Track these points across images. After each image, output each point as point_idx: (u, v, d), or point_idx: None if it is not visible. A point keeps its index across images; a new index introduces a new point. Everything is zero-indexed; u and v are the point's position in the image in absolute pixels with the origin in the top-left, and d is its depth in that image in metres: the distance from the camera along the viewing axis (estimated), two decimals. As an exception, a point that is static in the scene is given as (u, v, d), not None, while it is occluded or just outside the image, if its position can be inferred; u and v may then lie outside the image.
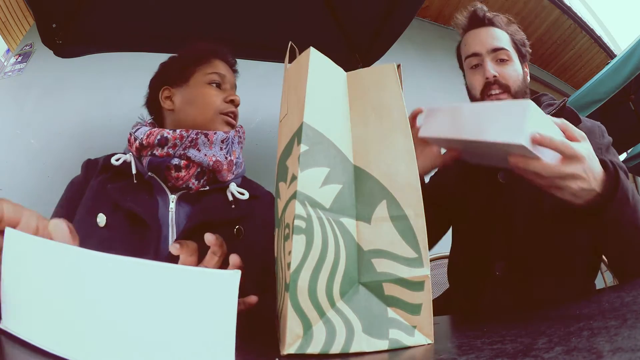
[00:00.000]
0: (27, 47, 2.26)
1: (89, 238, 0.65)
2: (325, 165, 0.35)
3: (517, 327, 0.35)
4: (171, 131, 0.70)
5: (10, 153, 1.93)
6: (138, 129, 0.74)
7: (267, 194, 0.84)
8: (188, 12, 1.35)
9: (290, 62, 0.45)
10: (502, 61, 0.81)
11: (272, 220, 0.80)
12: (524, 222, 0.75)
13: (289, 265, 0.31)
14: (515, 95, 0.81)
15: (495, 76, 0.79)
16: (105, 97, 1.95)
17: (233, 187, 0.74)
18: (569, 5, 3.37)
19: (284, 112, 0.41)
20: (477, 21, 0.85)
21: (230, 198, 0.73)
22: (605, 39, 3.84)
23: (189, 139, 0.70)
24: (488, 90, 0.80)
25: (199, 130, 0.71)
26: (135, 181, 0.69)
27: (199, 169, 0.71)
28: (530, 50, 0.88)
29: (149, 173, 0.70)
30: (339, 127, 0.38)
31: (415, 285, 0.33)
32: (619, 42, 4.28)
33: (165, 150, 0.69)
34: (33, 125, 1.96)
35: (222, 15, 1.37)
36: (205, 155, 0.70)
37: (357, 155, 0.38)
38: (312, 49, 0.38)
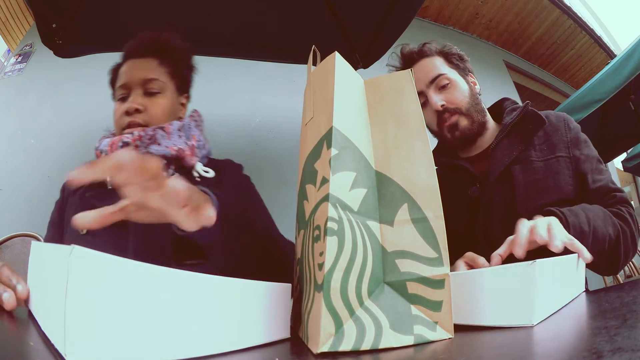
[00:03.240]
0: (27, 47, 2.26)
1: None
2: (353, 170, 0.36)
3: (517, 327, 0.35)
4: (130, 134, 0.72)
5: (10, 153, 1.93)
6: (102, 142, 0.75)
7: (230, 164, 0.85)
8: (187, 13, 1.35)
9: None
10: (444, 87, 0.82)
11: (242, 186, 0.80)
12: (502, 230, 0.73)
13: (320, 265, 0.32)
14: (468, 112, 0.82)
15: (443, 105, 0.80)
16: (105, 97, 1.94)
17: (199, 167, 0.76)
18: (569, 5, 3.38)
19: (309, 116, 0.42)
20: (407, 60, 0.86)
21: (197, 176, 0.75)
22: (605, 39, 3.85)
23: (148, 136, 0.71)
24: (442, 120, 0.82)
25: (155, 126, 0.73)
26: (109, 187, 0.69)
27: (164, 162, 0.72)
28: (468, 59, 0.89)
29: None
30: (361, 133, 0.40)
31: (437, 283, 0.34)
32: (619, 42, 4.29)
33: None
34: (33, 126, 1.97)
35: (222, 15, 1.37)
36: (167, 147, 0.72)
37: (378, 160, 0.39)
38: (336, 54, 0.40)
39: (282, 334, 0.36)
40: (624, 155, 3.13)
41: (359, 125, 0.40)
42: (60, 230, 0.74)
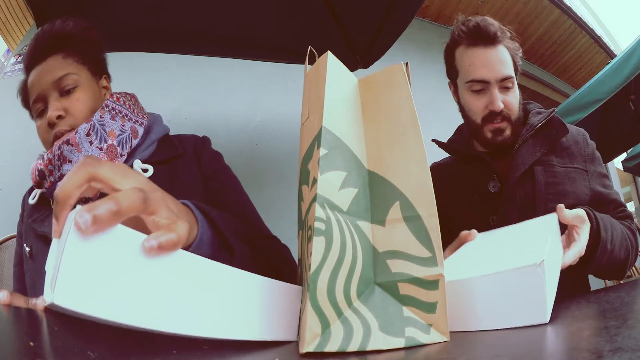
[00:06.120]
0: (27, 47, 2.25)
1: (26, 272, 0.68)
2: (343, 169, 0.36)
3: (517, 327, 0.35)
4: (41, 159, 0.67)
5: (10, 153, 1.93)
6: (32, 165, 0.70)
7: (191, 142, 0.75)
8: (188, 13, 1.35)
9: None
10: (506, 89, 0.79)
11: (214, 168, 0.72)
12: None
13: (309, 266, 0.31)
14: (515, 123, 0.81)
15: (502, 109, 0.78)
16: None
17: (137, 165, 0.66)
18: (569, 5, 3.38)
19: (305, 117, 0.42)
20: (488, 39, 0.79)
21: None
22: (605, 39, 3.85)
23: (56, 157, 0.64)
24: (491, 119, 0.79)
25: (60, 142, 0.64)
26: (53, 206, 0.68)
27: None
28: (520, 62, 0.86)
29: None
30: (354, 132, 0.39)
31: (430, 284, 0.33)
32: (619, 42, 4.30)
33: (48, 180, 0.66)
34: (33, 126, 1.96)
35: (222, 15, 1.37)
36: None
37: (371, 159, 0.39)
38: (329, 54, 0.39)
39: (288, 335, 0.35)
40: (624, 155, 3.13)
41: (351, 125, 0.39)
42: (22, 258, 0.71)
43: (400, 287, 0.34)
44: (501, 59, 0.78)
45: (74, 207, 0.28)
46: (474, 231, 0.59)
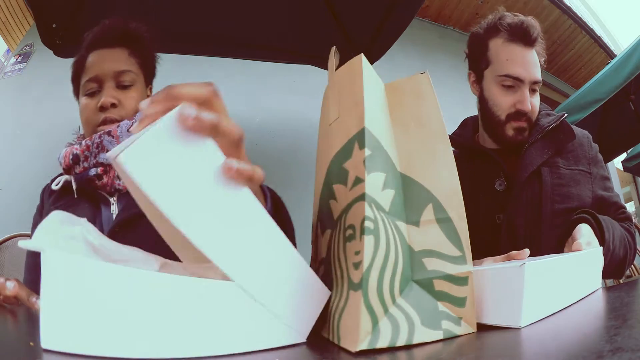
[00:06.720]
0: (27, 47, 2.26)
1: None
2: (383, 171, 0.37)
3: (518, 327, 0.35)
4: (78, 145, 0.69)
5: (10, 153, 1.93)
6: (60, 153, 0.72)
7: None
8: (188, 12, 1.35)
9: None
10: (534, 91, 0.81)
11: None
12: (526, 226, 0.77)
13: (355, 264, 0.33)
14: (532, 125, 0.82)
15: (529, 110, 0.80)
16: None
17: None
18: (569, 5, 3.38)
19: (334, 116, 0.44)
20: (528, 40, 0.80)
21: None
22: (605, 39, 3.85)
23: (95, 145, 0.67)
24: (517, 118, 0.80)
25: (102, 132, 0.68)
26: (75, 196, 0.69)
27: None
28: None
29: (82, 187, 0.70)
30: (387, 135, 0.41)
31: (461, 280, 0.36)
32: (619, 42, 4.30)
33: (81, 166, 0.69)
34: (33, 126, 1.97)
35: (222, 15, 1.37)
36: None
37: (402, 162, 0.41)
38: (362, 56, 0.41)
39: (299, 336, 0.35)
40: (624, 155, 3.13)
41: (385, 128, 0.41)
42: None
43: (435, 283, 0.36)
44: (535, 62, 0.80)
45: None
46: (526, 250, 0.58)
